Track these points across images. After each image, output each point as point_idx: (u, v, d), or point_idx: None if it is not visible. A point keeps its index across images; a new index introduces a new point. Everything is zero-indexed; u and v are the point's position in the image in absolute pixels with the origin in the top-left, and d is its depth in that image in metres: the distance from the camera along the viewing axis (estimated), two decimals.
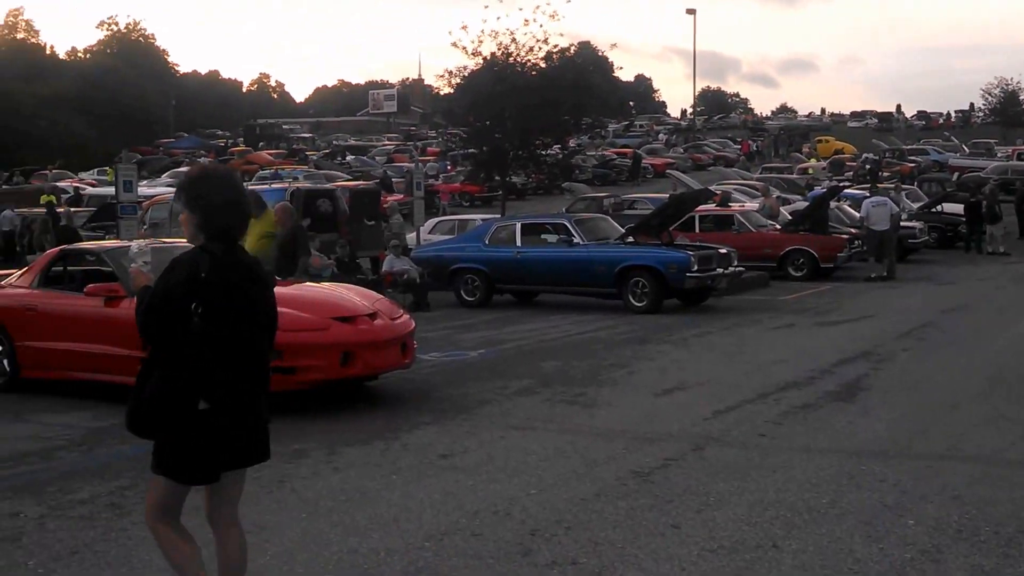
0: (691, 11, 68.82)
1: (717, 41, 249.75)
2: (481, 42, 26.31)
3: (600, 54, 27.01)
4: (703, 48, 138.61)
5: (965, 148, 64.90)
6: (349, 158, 62.42)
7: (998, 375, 10.07)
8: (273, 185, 23.79)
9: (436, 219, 26.96)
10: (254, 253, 11.28)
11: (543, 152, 27.61)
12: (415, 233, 23.20)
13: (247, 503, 4.61)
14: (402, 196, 34.16)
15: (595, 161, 54.79)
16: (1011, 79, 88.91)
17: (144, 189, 32.21)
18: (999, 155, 55.73)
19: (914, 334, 13.40)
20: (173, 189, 31.77)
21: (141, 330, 3.91)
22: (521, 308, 17.85)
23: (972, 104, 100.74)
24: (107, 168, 49.04)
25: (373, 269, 20.58)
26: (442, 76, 27.50)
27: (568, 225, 17.58)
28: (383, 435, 7.63)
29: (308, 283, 10.42)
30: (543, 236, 18.09)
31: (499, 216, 23.87)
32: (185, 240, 4.08)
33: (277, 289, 9.49)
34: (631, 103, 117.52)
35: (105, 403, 8.60)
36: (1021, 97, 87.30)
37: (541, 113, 25.74)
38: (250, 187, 21.99)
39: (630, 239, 17.49)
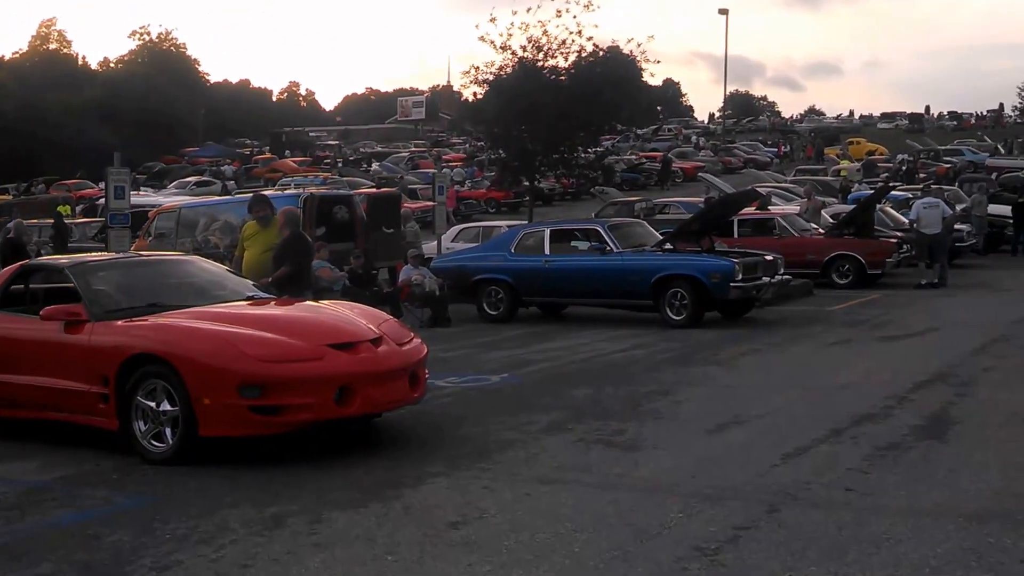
0: (723, 11, 67.28)
1: (742, 45, 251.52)
2: (511, 35, 24.98)
3: (630, 55, 25.39)
4: (728, 53, 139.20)
5: (1000, 148, 63.28)
6: (375, 165, 61.33)
7: None
8: (287, 191, 22.53)
9: (459, 227, 25.67)
10: (256, 267, 10.13)
11: (575, 154, 26.21)
12: (436, 242, 21.87)
13: None
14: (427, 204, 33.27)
15: (624, 165, 53.57)
16: None
17: (155, 198, 31.19)
18: None
19: (990, 351, 11.93)
20: (179, 199, 30.75)
21: None
22: (548, 322, 16.51)
23: (1001, 104, 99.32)
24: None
25: (392, 281, 19.31)
26: (467, 72, 26.12)
27: (602, 231, 16.21)
28: (382, 492, 6.25)
29: (308, 301, 9.11)
30: (573, 244, 16.75)
31: (526, 222, 22.53)
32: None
33: (259, 310, 8.33)
34: (659, 107, 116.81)
35: (59, 449, 7.32)
36: None
37: (573, 112, 24.36)
38: (262, 192, 20.82)
39: (668, 246, 16.13)
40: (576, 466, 6.90)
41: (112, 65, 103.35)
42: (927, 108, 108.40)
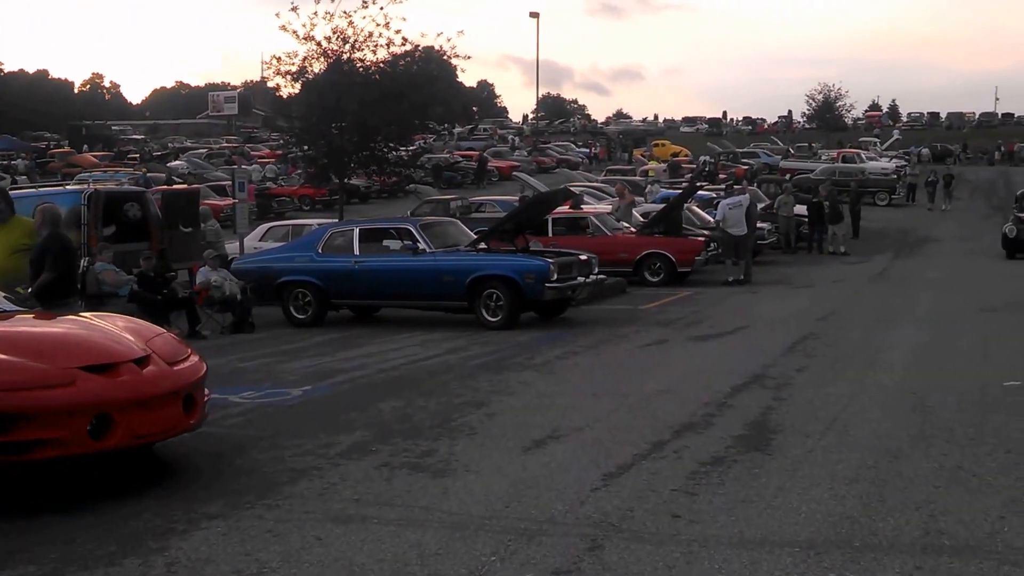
0: (535, 14, 67.91)
1: (551, 51, 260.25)
2: (314, 26, 23.89)
3: (440, 50, 24.64)
4: (539, 57, 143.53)
5: (791, 150, 66.44)
6: (178, 161, 58.60)
7: (920, 403, 8.45)
8: (69, 187, 20.80)
9: (267, 225, 24.43)
10: (2, 273, 8.86)
11: (387, 151, 25.33)
12: (239, 242, 20.64)
13: None
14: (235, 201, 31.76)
15: (439, 163, 53.08)
16: (833, 85, 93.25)
17: None
18: (823, 157, 57.13)
19: (800, 349, 11.84)
20: None
21: None
22: (360, 326, 15.69)
23: (790, 111, 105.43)
24: None
25: (192, 282, 18.02)
26: (269, 64, 24.88)
27: (414, 230, 15.49)
28: (143, 543, 5.30)
29: (74, 313, 7.99)
30: (385, 243, 15.97)
31: (335, 221, 21.56)
32: None
33: None
34: (475, 108, 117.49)
35: None
36: (839, 103, 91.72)
37: (383, 108, 23.49)
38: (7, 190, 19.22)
39: (482, 245, 15.58)
40: (378, 498, 6.14)
41: None
42: (724, 113, 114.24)
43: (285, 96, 26.86)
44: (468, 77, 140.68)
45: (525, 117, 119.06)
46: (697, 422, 8.04)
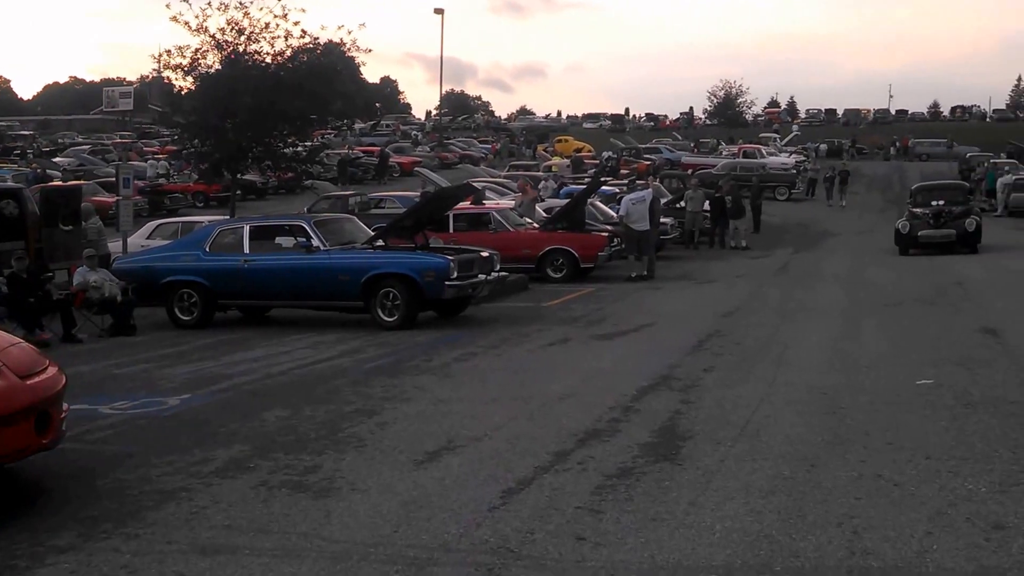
0: (439, 11, 66.90)
1: (454, 48, 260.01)
2: (208, 17, 22.89)
3: (340, 43, 23.80)
4: (443, 53, 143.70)
5: (693, 146, 67.08)
6: (62, 158, 56.43)
7: (832, 404, 8.13)
8: None
9: (156, 222, 23.37)
10: None
11: (283, 147, 24.44)
12: (122, 240, 19.62)
13: None
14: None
15: (345, 159, 52.10)
16: (734, 82, 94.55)
17: None
18: (724, 152, 57.72)
19: (706, 348, 11.49)
20: None
21: None
22: (249, 327, 14.94)
23: (692, 107, 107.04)
24: None
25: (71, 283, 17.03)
26: (158, 58, 23.77)
27: (307, 227, 14.78)
28: None
29: None
30: (277, 241, 15.27)
31: (225, 218, 20.67)
32: None
33: None
34: (378, 104, 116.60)
35: None
36: (740, 100, 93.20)
37: (279, 102, 22.60)
38: None
39: (380, 243, 14.96)
40: (252, 524, 5.53)
41: None
42: (627, 110, 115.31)
43: (179, 90, 25.77)
44: (371, 73, 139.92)
45: (428, 113, 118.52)
46: (602, 429, 7.58)
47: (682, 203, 28.81)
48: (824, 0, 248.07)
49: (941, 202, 25.34)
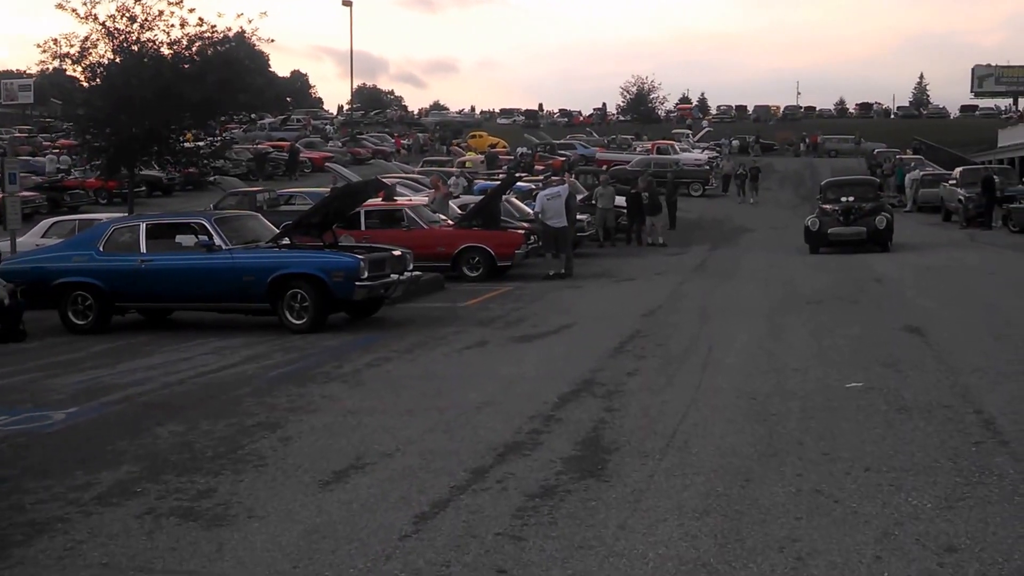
0: (347, 3, 65.62)
1: (366, 42, 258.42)
2: (96, 3, 21.83)
3: (241, 31, 22.88)
4: (353, 47, 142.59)
5: (606, 142, 67.24)
6: None
7: (762, 410, 7.77)
8: None
9: (51, 220, 22.27)
10: None
11: (183, 141, 23.47)
12: (10, 239, 18.58)
13: None
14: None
15: (249, 155, 50.88)
16: (646, 78, 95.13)
17: None
18: (638, 149, 57.91)
19: (629, 350, 11.10)
20: None
21: None
22: (149, 332, 14.17)
23: (604, 103, 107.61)
24: None
25: None
26: (43, 48, 22.54)
27: (208, 225, 14.05)
28: None
29: None
30: (177, 240, 14.52)
31: (123, 216, 19.73)
32: None
33: None
34: (288, 98, 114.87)
35: None
36: (652, 96, 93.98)
37: (177, 94, 21.66)
38: None
39: (286, 241, 14.30)
40: (133, 560, 4.92)
41: None
42: (540, 106, 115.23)
43: (73, 82, 24.63)
44: (281, 67, 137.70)
45: (340, 108, 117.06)
46: (523, 441, 7.11)
47: (594, 200, 28.57)
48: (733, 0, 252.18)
49: (851, 198, 24.88)
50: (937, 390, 8.23)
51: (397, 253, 14.58)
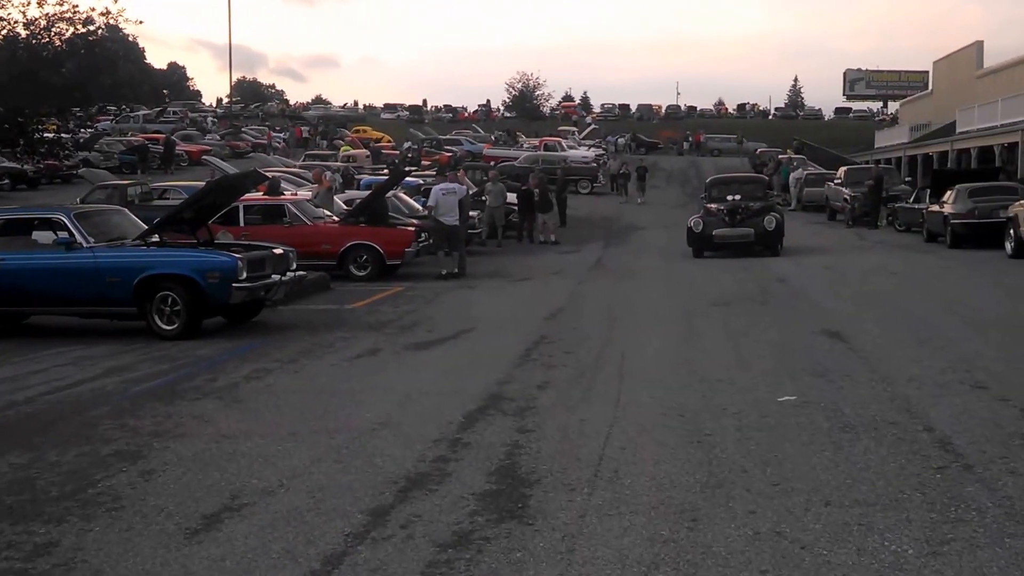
0: None
1: (244, 36, 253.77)
2: None
3: (128, 36, 21.44)
4: (232, 41, 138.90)
5: (493, 138, 66.77)
6: None
7: (695, 431, 6.97)
8: None
9: None
10: None
11: (40, 128, 21.75)
12: None
13: None
14: None
15: (123, 147, 48.57)
16: (531, 75, 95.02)
17: None
18: (525, 145, 57.52)
19: (535, 358, 10.24)
20: None
21: None
22: (1, 339, 12.69)
23: (489, 100, 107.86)
24: None
25: None
26: None
27: (67, 220, 12.71)
28: None
29: None
30: (33, 236, 13.17)
31: None
32: None
33: None
34: (165, 91, 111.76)
35: None
36: (537, 93, 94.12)
37: (32, 79, 19.99)
38: None
39: (156, 238, 13.06)
40: None
41: None
42: (425, 101, 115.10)
43: None
44: (158, 59, 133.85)
45: (219, 100, 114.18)
46: (427, 472, 6.16)
47: (484, 197, 27.74)
48: (611, 1, 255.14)
49: (738, 197, 23.06)
50: (877, 403, 7.56)
51: (279, 251, 13.47)
